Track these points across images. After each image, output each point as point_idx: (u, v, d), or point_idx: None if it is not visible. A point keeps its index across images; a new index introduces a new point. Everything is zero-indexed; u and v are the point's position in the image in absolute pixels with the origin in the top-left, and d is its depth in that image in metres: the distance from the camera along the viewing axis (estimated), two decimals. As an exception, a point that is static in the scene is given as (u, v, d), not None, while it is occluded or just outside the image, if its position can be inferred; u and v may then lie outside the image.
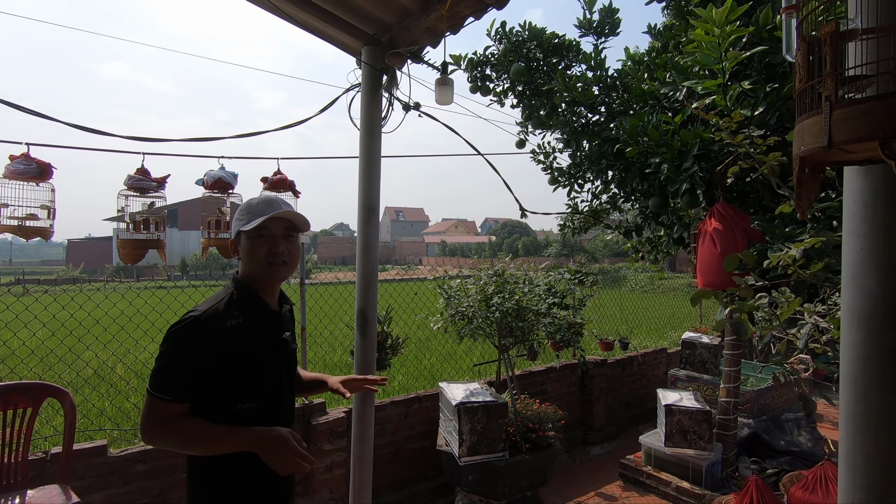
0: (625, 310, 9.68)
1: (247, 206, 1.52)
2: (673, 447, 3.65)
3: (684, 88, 2.84)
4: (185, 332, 1.35)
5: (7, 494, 2.28)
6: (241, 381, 1.41)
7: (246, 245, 1.49)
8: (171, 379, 1.34)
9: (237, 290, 1.48)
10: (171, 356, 1.36)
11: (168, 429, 1.34)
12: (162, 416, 1.34)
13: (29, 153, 2.43)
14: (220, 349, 1.37)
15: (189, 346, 1.35)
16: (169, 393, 1.33)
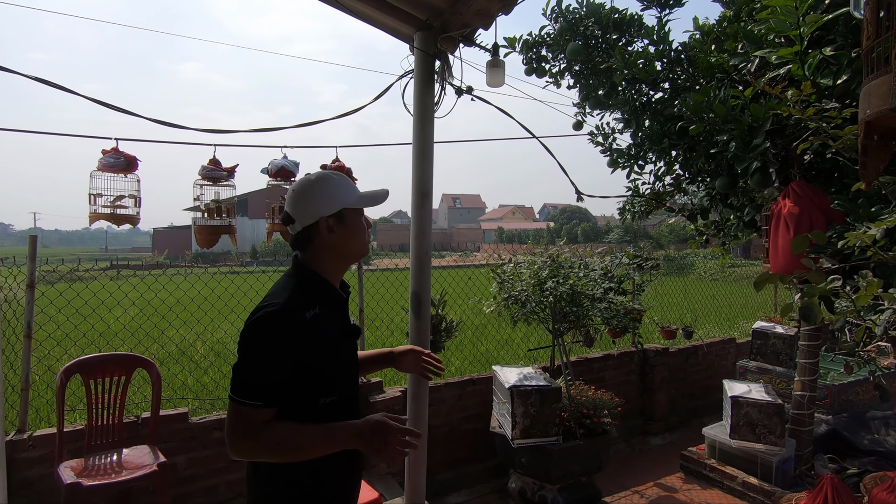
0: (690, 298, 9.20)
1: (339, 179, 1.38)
2: (739, 440, 3.48)
3: (756, 59, 2.64)
4: (266, 329, 1.21)
5: (107, 451, 2.58)
6: (323, 374, 1.29)
7: (353, 221, 1.37)
8: (258, 381, 1.20)
9: (307, 279, 1.34)
10: (255, 356, 1.21)
11: (260, 439, 1.19)
12: (252, 425, 1.19)
13: (118, 147, 2.69)
14: (303, 342, 1.24)
15: (273, 343, 1.21)
16: (259, 398, 1.19)
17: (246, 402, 1.19)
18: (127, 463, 2.50)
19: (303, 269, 1.36)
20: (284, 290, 1.30)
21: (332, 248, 1.36)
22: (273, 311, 1.22)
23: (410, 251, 2.69)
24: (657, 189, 3.99)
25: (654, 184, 4.00)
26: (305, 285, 1.33)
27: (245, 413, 1.19)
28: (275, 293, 1.30)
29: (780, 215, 2.41)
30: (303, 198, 1.35)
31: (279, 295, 1.28)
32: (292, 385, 1.24)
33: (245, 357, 1.22)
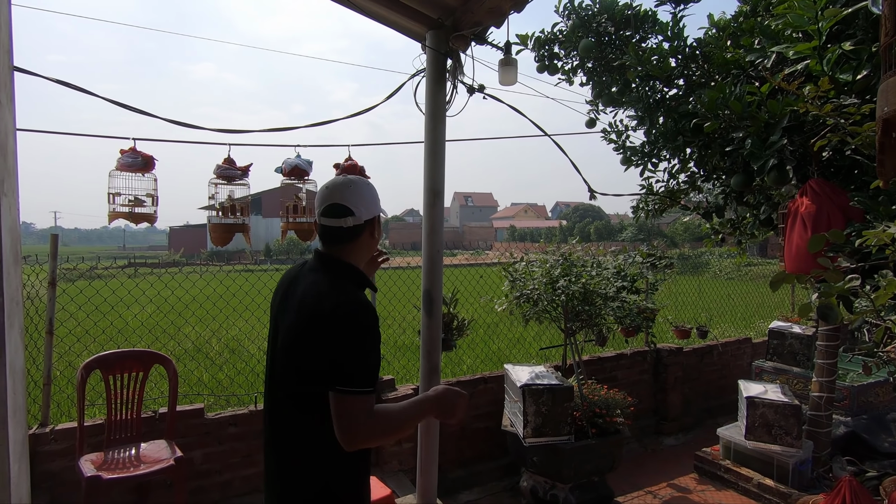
0: (705, 297, 9.09)
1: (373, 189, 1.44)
2: (755, 441, 3.43)
3: (773, 55, 2.60)
4: (366, 318, 1.24)
5: (126, 445, 2.64)
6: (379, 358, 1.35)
7: (377, 230, 1.44)
8: (367, 369, 1.23)
9: (356, 273, 1.38)
10: (364, 345, 1.23)
11: (378, 423, 1.23)
12: (370, 412, 1.22)
13: (135, 147, 2.74)
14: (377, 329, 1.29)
15: (370, 332, 1.25)
16: (370, 384, 1.23)
17: (364, 391, 1.21)
18: (145, 457, 2.55)
19: (347, 265, 1.38)
20: (348, 280, 1.34)
21: (367, 247, 1.43)
22: (361, 304, 1.25)
23: (422, 250, 2.70)
24: (671, 187, 3.94)
25: (668, 181, 3.96)
26: (358, 280, 1.37)
27: (363, 401, 1.21)
28: (343, 285, 1.31)
29: (798, 213, 2.37)
30: (363, 195, 1.38)
31: (348, 288, 1.30)
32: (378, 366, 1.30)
33: (356, 350, 1.22)
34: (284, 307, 1.36)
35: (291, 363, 1.28)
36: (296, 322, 1.28)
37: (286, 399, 1.31)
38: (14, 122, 2.09)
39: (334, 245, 1.39)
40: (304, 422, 1.28)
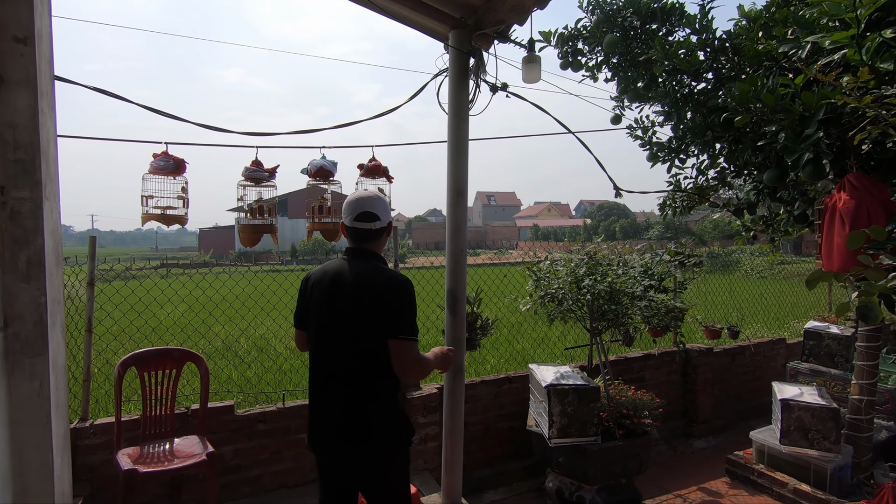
0: (736, 296, 8.84)
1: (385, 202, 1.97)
2: (790, 446, 3.32)
3: (808, 45, 2.51)
4: (411, 287, 1.79)
5: (160, 440, 2.72)
6: None
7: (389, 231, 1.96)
8: (415, 323, 1.78)
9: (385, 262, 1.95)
10: (412, 306, 1.78)
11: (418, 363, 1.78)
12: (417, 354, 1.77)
13: (167, 151, 2.82)
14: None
15: (414, 295, 1.79)
16: (417, 334, 1.77)
17: (415, 339, 1.75)
18: (178, 452, 2.63)
19: (379, 255, 1.92)
20: (385, 267, 1.87)
21: (384, 244, 1.96)
22: (404, 277, 1.81)
23: (446, 249, 2.71)
24: (700, 183, 3.84)
25: (697, 178, 3.86)
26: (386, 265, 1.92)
27: (415, 346, 1.75)
28: (384, 269, 1.84)
29: (835, 209, 2.28)
30: (384, 206, 1.92)
31: (388, 270, 1.85)
32: None
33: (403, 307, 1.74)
34: (339, 290, 1.81)
35: (362, 325, 1.76)
36: (358, 295, 1.77)
37: (358, 352, 1.78)
38: (55, 129, 2.18)
39: (366, 242, 1.90)
40: (373, 366, 1.77)
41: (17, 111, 1.87)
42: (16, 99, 1.86)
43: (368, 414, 1.79)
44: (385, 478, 1.85)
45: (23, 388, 1.89)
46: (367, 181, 3.23)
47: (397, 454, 1.85)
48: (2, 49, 1.82)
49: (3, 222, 1.85)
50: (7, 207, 1.87)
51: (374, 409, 1.80)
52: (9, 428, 1.85)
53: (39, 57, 1.93)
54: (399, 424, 1.84)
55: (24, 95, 1.88)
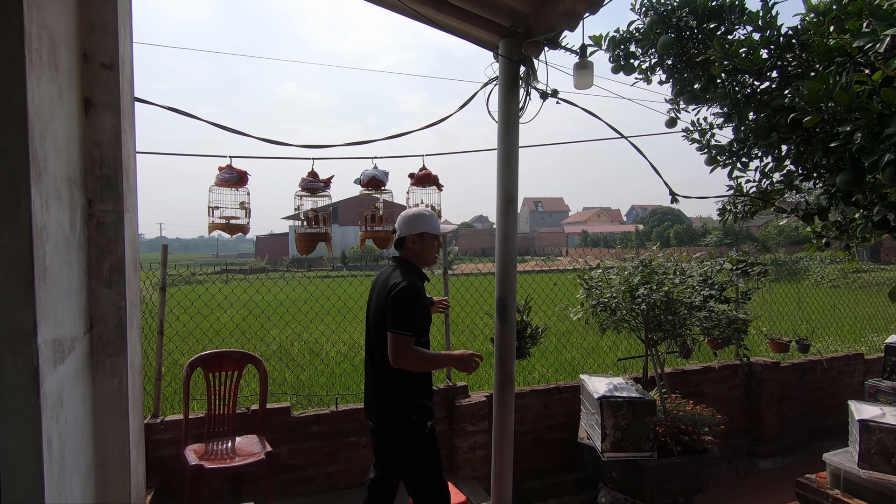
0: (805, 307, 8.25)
1: (429, 216, 2.31)
2: (871, 471, 3.06)
3: (887, 38, 2.33)
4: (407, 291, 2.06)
5: (223, 438, 2.87)
6: (427, 323, 2.21)
7: (430, 242, 2.28)
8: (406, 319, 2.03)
9: (416, 269, 2.26)
10: (403, 305, 2.05)
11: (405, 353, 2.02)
12: (408, 346, 2.03)
13: (231, 164, 2.99)
14: (424, 304, 2.16)
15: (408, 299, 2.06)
16: (407, 330, 2.02)
17: (400, 332, 2.02)
18: (239, 450, 2.76)
19: (410, 263, 2.27)
20: (406, 273, 2.17)
21: (413, 252, 2.30)
22: (406, 283, 2.08)
23: (496, 257, 2.71)
24: (764, 187, 3.64)
25: (761, 181, 3.66)
26: (417, 272, 2.24)
27: (400, 338, 2.02)
28: (399, 276, 2.14)
29: (921, 214, 2.10)
30: (405, 220, 2.31)
31: (407, 275, 2.14)
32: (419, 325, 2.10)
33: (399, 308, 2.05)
34: (373, 290, 2.28)
35: (378, 321, 2.15)
36: (378, 296, 2.20)
37: (378, 345, 2.15)
38: (135, 146, 2.37)
39: (398, 250, 2.34)
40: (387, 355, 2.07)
41: (103, 131, 2.04)
42: (102, 120, 2.04)
43: (382, 395, 2.17)
44: (399, 454, 2.19)
45: (105, 384, 2.06)
46: (417, 190, 3.28)
47: (409, 435, 2.15)
48: (91, 75, 2.00)
49: (90, 232, 2.03)
50: (94, 219, 2.04)
51: (387, 392, 2.15)
52: (92, 421, 2.01)
53: (122, 81, 2.11)
54: (408, 407, 2.14)
55: (109, 117, 2.05)
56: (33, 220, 1.37)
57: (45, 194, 1.48)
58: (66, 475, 1.61)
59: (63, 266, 1.66)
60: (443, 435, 3.46)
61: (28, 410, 1.36)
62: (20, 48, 1.34)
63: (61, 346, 1.60)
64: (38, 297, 1.39)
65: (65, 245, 1.68)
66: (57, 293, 1.58)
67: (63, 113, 1.71)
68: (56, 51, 1.64)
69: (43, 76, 1.49)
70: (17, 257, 1.34)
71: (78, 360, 1.83)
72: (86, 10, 1.98)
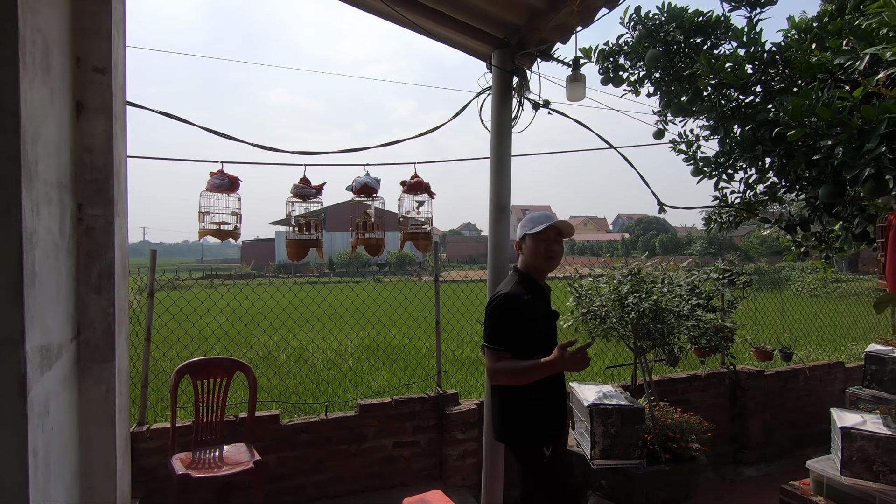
0: (788, 316, 8.40)
1: (530, 217, 2.13)
2: (853, 478, 3.12)
3: (867, 56, 2.41)
4: (505, 303, 1.97)
5: (210, 446, 2.83)
6: (534, 338, 2.02)
7: (530, 244, 2.09)
8: (495, 334, 1.97)
9: (521, 277, 2.11)
10: (492, 320, 1.99)
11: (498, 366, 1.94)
12: (495, 358, 1.95)
13: (223, 169, 2.97)
14: (523, 315, 1.99)
15: (496, 313, 1.99)
16: (498, 343, 1.95)
17: (491, 346, 1.96)
18: (227, 459, 2.72)
19: (518, 271, 2.15)
20: (508, 283, 2.10)
21: (525, 260, 2.14)
22: (505, 292, 2.01)
23: (488, 265, 2.73)
24: (748, 198, 3.72)
25: (745, 192, 3.74)
26: (521, 280, 2.10)
27: (491, 351, 1.95)
28: (503, 284, 2.10)
29: (900, 227, 2.17)
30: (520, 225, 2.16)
31: (506, 285, 2.07)
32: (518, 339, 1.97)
33: (488, 320, 2.00)
34: None
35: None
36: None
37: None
38: (126, 151, 2.35)
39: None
40: None
41: (95, 136, 2.02)
42: (93, 125, 2.02)
43: (496, 415, 2.12)
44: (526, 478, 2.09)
45: (91, 392, 2.02)
46: (409, 197, 3.30)
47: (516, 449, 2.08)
48: (84, 79, 1.99)
49: (79, 237, 2.00)
50: (83, 224, 2.01)
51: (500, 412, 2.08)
52: (78, 429, 1.97)
53: (115, 85, 2.09)
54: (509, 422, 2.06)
55: (101, 121, 2.03)
56: (23, 224, 1.35)
57: (35, 198, 1.46)
58: (50, 484, 1.58)
59: (52, 271, 1.63)
60: (432, 443, 3.45)
61: (15, 419, 1.33)
62: (14, 51, 1.33)
63: (49, 352, 1.58)
64: (27, 303, 1.36)
65: (54, 250, 1.66)
66: (45, 299, 1.56)
67: (54, 116, 1.69)
68: (49, 54, 1.62)
69: (35, 79, 1.48)
70: (6, 263, 1.32)
71: (65, 367, 1.80)
72: (79, 14, 1.97)
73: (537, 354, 1.94)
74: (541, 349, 1.97)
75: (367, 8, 2.63)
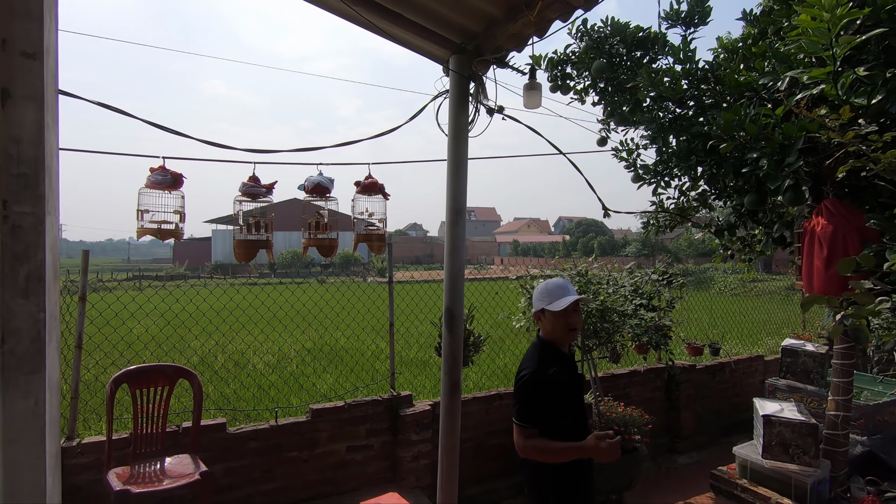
0: (714, 314, 9.07)
1: (546, 289, 2.14)
2: (772, 460, 3.42)
3: (787, 78, 2.66)
4: (528, 384, 2.03)
5: (151, 459, 2.66)
6: (563, 406, 2.09)
7: (551, 319, 2.12)
8: (523, 411, 2.02)
9: (545, 348, 2.15)
10: (520, 398, 2.04)
11: (526, 443, 2.01)
12: (526, 437, 2.01)
13: (164, 165, 2.81)
14: (550, 390, 2.04)
15: (523, 392, 2.03)
16: (525, 420, 2.02)
17: (519, 423, 2.02)
18: (170, 471, 2.57)
19: (543, 341, 2.17)
20: (532, 357, 2.12)
21: (546, 331, 2.16)
22: (531, 372, 2.05)
23: (444, 267, 2.75)
24: (682, 204, 4.00)
25: (679, 199, 4.02)
26: (545, 352, 2.13)
27: (519, 428, 2.02)
28: (529, 360, 2.13)
29: (814, 233, 2.41)
30: (535, 295, 2.18)
31: (532, 362, 2.10)
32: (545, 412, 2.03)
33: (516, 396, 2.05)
34: None
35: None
36: None
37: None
38: (58, 143, 2.17)
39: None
40: None
41: (23, 126, 1.85)
42: (22, 114, 1.85)
43: (524, 481, 2.23)
44: None
45: (18, 406, 1.85)
46: (363, 198, 3.26)
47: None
48: (11, 64, 1.82)
49: (3, 237, 1.83)
50: (8, 222, 1.84)
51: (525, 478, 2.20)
52: (2, 447, 1.80)
53: (46, 72, 1.93)
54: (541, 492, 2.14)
55: (31, 110, 1.87)
56: (-54, 223, 1.22)
57: (-41, 194, 1.32)
58: (-27, 510, 1.43)
59: (-25, 274, 1.48)
60: (386, 446, 3.44)
61: (-65, 438, 1.20)
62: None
63: (-28, 364, 1.43)
64: (-50, 309, 1.23)
65: (-23, 251, 1.51)
66: (-31, 305, 1.41)
67: (-21, 104, 1.53)
68: (-27, 35, 1.47)
69: (-40, 63, 1.34)
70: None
71: (-12, 379, 1.63)
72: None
73: (567, 419, 2.09)
74: (569, 413, 2.12)
75: (327, 6, 2.58)
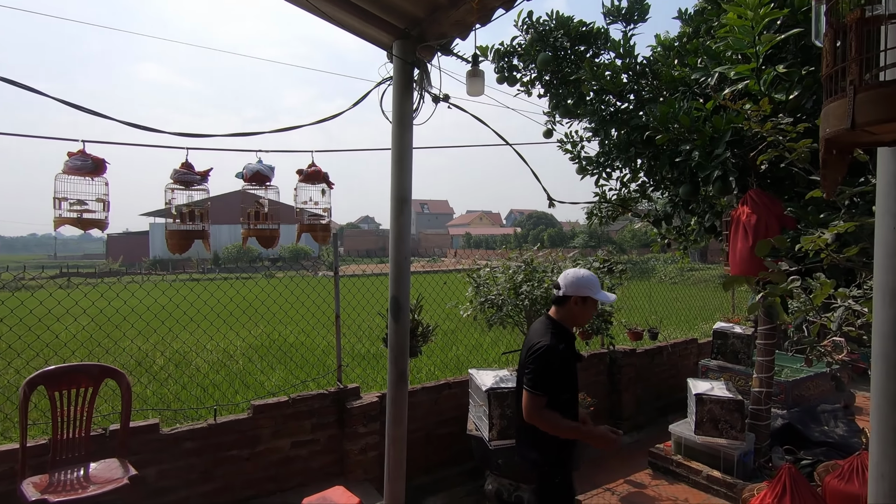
0: (654, 301, 9.54)
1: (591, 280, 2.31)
2: (703, 436, 3.64)
3: (716, 74, 2.80)
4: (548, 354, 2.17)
5: (72, 466, 2.47)
6: (565, 380, 2.26)
7: (586, 307, 2.31)
8: (539, 381, 2.15)
9: (556, 326, 2.31)
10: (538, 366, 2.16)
11: (537, 413, 2.15)
12: (539, 406, 2.14)
13: (85, 150, 2.60)
14: (560, 364, 2.21)
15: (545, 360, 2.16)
16: (540, 389, 2.14)
17: (533, 391, 2.15)
18: (95, 477, 2.40)
19: (554, 321, 2.34)
20: (545, 332, 2.27)
21: (572, 313, 2.33)
22: (545, 345, 2.19)
23: (390, 257, 2.72)
24: (623, 195, 4.15)
25: (621, 190, 4.17)
26: (557, 330, 2.29)
27: (532, 396, 2.15)
28: (543, 335, 2.26)
29: (740, 221, 2.56)
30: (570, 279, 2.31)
31: (546, 336, 2.24)
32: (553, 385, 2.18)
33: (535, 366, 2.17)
34: (525, 345, 2.35)
35: (520, 374, 2.31)
36: (524, 350, 2.34)
37: (518, 396, 2.29)
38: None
39: (551, 306, 2.40)
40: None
41: None
42: None
43: (519, 443, 2.42)
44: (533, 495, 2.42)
45: None
46: (306, 187, 3.16)
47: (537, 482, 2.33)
48: None
49: None
50: None
51: (522, 441, 2.38)
52: None
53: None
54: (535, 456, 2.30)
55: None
56: None
57: None
58: None
59: None
60: (332, 439, 3.37)
61: None
62: None
63: None
64: None
65: None
66: None
67: None
68: None
69: None
70: None
71: None
72: None
73: (566, 393, 2.27)
74: (568, 387, 2.29)
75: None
